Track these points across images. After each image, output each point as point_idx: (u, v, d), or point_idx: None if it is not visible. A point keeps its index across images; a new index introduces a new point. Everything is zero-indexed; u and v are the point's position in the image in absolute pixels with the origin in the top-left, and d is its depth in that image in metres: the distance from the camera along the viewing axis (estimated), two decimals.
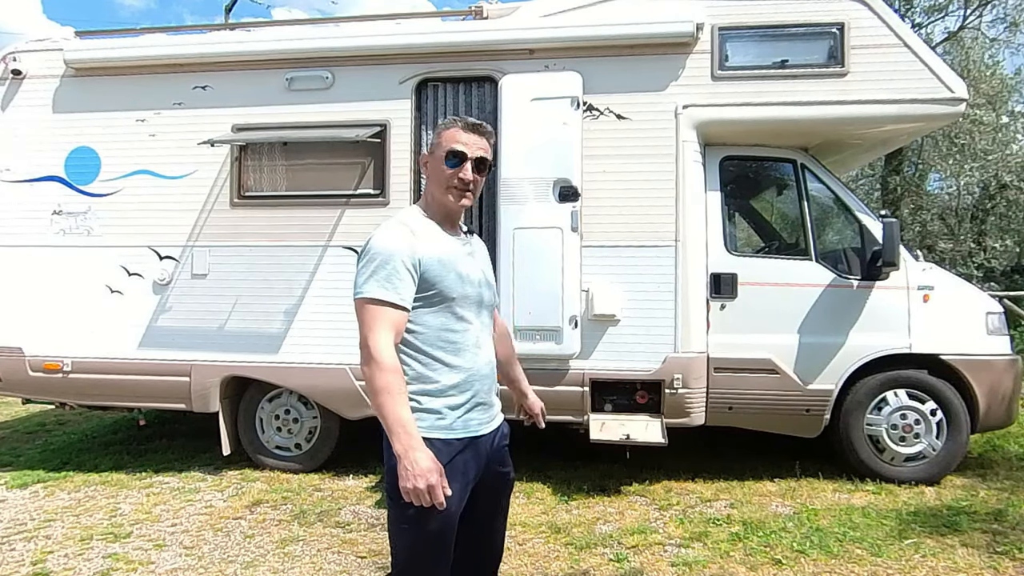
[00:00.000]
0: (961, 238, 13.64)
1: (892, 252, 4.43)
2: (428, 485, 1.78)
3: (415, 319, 1.95)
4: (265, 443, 5.17)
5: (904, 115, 4.57)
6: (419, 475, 1.77)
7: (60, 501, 4.60)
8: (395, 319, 1.90)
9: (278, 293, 4.92)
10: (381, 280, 1.89)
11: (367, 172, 4.95)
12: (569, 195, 4.57)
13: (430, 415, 1.94)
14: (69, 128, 5.17)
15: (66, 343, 5.08)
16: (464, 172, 2.00)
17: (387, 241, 1.93)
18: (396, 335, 1.90)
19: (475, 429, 2.01)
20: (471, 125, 2.03)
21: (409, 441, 1.81)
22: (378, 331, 1.87)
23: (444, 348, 1.97)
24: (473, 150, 2.01)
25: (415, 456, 1.79)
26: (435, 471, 1.80)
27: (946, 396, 4.60)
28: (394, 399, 1.83)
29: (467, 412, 2.00)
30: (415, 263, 1.92)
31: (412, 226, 1.98)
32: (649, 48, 4.66)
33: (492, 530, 2.20)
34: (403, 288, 1.90)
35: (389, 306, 1.89)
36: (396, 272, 1.89)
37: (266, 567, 3.59)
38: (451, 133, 2.02)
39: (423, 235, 1.97)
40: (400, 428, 1.82)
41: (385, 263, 1.89)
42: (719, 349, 4.66)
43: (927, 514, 4.07)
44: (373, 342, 1.86)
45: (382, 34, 4.93)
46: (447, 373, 1.97)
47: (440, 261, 1.96)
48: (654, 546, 3.74)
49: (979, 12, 13.18)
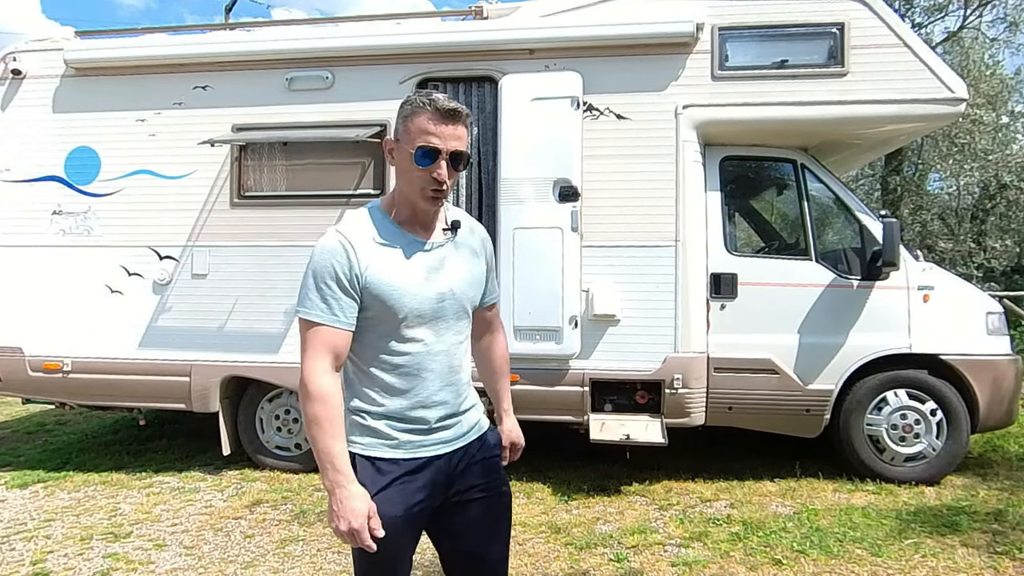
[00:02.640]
0: (961, 238, 13.63)
1: (892, 252, 4.43)
2: (351, 528, 1.62)
3: (357, 338, 1.74)
4: (265, 443, 5.17)
5: (904, 115, 4.57)
6: (343, 516, 1.63)
7: (60, 501, 4.60)
8: (330, 340, 1.69)
9: (278, 293, 4.92)
10: (314, 299, 1.69)
11: (367, 172, 4.95)
12: (569, 195, 4.57)
13: (372, 434, 1.76)
14: (69, 128, 5.17)
15: (66, 343, 5.08)
16: (439, 172, 1.68)
17: (321, 254, 1.70)
18: (335, 358, 1.70)
19: (431, 449, 1.79)
20: (445, 112, 1.67)
21: (336, 477, 1.64)
22: (310, 355, 1.69)
23: (389, 371, 1.75)
24: (448, 143, 1.68)
25: (341, 495, 1.63)
26: (360, 513, 1.63)
27: (946, 396, 4.60)
28: (323, 431, 1.65)
29: (417, 435, 1.78)
30: (353, 279, 1.68)
31: (354, 234, 1.71)
32: (649, 48, 4.66)
33: (488, 556, 1.91)
34: (339, 308, 1.68)
35: (322, 327, 1.69)
36: (329, 290, 1.68)
37: (266, 567, 3.59)
38: (419, 121, 1.68)
39: (368, 243, 1.71)
40: (328, 463, 1.65)
41: (319, 279, 1.69)
42: (719, 349, 4.66)
43: (927, 514, 4.07)
44: (304, 368, 1.68)
45: (382, 34, 4.93)
46: (390, 397, 1.75)
47: (385, 275, 1.70)
48: (654, 546, 3.74)
49: (979, 12, 13.18)
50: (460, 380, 1.84)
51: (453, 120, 1.69)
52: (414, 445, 1.77)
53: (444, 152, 1.68)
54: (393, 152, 1.75)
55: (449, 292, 1.78)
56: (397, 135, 1.74)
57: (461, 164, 1.73)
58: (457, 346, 1.83)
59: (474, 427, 1.90)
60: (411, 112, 1.70)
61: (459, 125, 1.70)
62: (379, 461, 1.75)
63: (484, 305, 1.97)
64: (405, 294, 1.71)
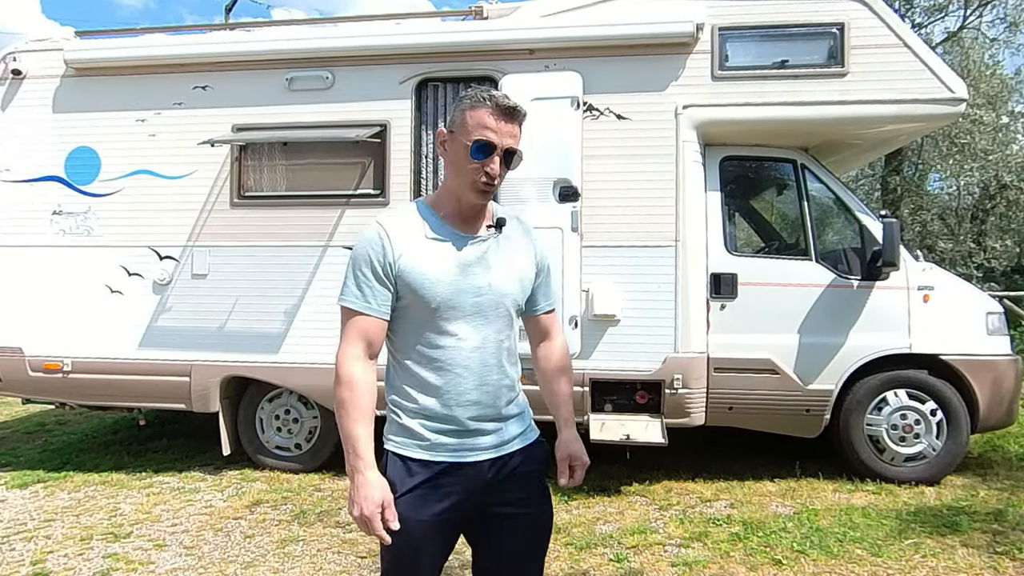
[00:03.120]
0: (961, 238, 13.64)
1: (892, 252, 4.43)
2: (362, 515, 1.63)
3: (395, 329, 1.77)
4: (265, 443, 5.17)
5: (904, 115, 4.57)
6: (357, 502, 1.63)
7: (60, 501, 4.60)
8: (365, 328, 1.72)
9: (278, 293, 4.92)
10: (351, 287, 1.73)
11: (367, 172, 4.95)
12: (569, 195, 4.57)
13: (407, 433, 1.75)
14: (69, 128, 5.17)
15: (66, 343, 5.07)
16: (492, 166, 1.70)
17: (359, 244, 1.75)
18: (369, 345, 1.73)
19: (460, 455, 1.75)
20: (504, 109, 1.69)
21: (356, 463, 1.65)
22: (345, 341, 1.73)
23: (424, 365, 1.74)
24: (504, 139, 1.70)
25: (359, 480, 1.64)
26: (374, 501, 1.63)
27: (946, 396, 4.60)
28: (348, 414, 1.68)
29: (453, 437, 1.75)
30: (387, 267, 1.71)
31: (392, 224, 1.74)
32: (649, 48, 4.66)
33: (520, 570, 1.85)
34: (372, 295, 1.71)
35: (357, 315, 1.72)
36: (364, 277, 1.71)
37: (266, 567, 3.59)
38: (479, 115, 1.69)
39: (406, 234, 1.73)
40: (350, 447, 1.66)
41: (356, 267, 1.73)
42: (719, 349, 4.66)
43: (927, 514, 4.07)
44: (338, 353, 1.72)
45: (382, 34, 4.93)
46: (425, 393, 1.74)
47: (419, 265, 1.71)
48: (654, 546, 3.73)
49: (979, 12, 13.19)
50: (499, 383, 1.78)
51: (511, 118, 1.71)
52: (448, 449, 1.74)
53: (500, 148, 1.70)
54: (446, 144, 1.76)
55: (487, 287, 1.75)
56: (452, 127, 1.74)
57: (513, 162, 1.74)
58: (496, 345, 1.78)
59: (517, 437, 1.83)
60: (470, 105, 1.71)
61: (516, 124, 1.72)
62: (410, 461, 1.73)
63: (539, 311, 1.94)
64: (437, 283, 1.71)
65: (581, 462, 1.92)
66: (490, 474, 1.77)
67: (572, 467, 1.91)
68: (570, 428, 1.94)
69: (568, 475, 1.91)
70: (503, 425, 1.80)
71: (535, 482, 1.85)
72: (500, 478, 1.78)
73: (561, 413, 1.95)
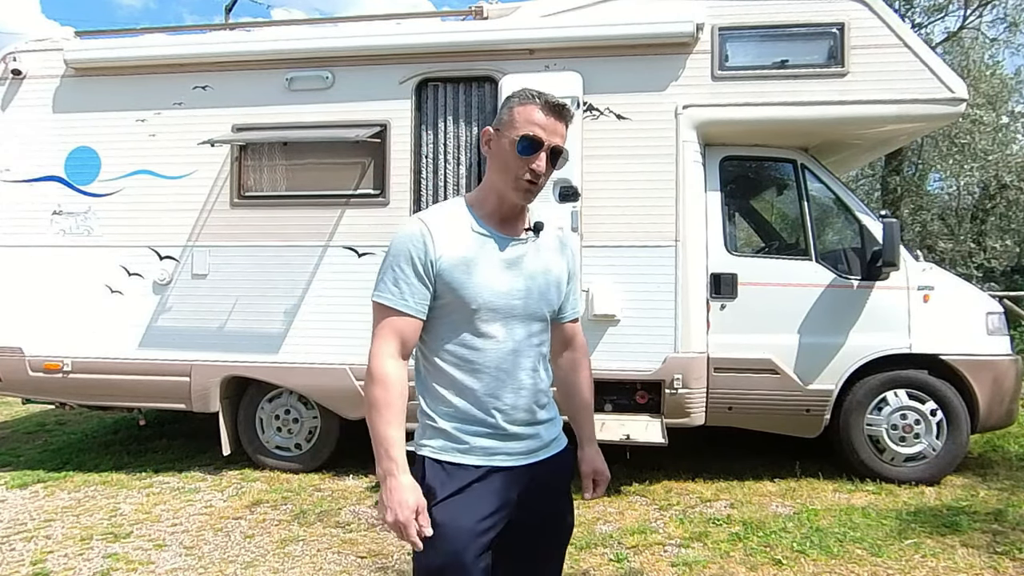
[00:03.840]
0: (961, 238, 13.64)
1: (892, 252, 4.43)
2: (396, 520, 1.57)
3: (429, 328, 1.72)
4: (265, 443, 5.17)
5: (904, 115, 4.57)
6: (391, 507, 1.58)
7: (60, 501, 4.60)
8: (400, 327, 1.67)
9: (278, 293, 4.92)
10: (388, 283, 1.67)
11: (367, 172, 4.95)
12: (569, 195, 4.57)
13: (443, 436, 1.70)
14: (69, 128, 5.17)
15: (66, 343, 5.07)
16: (538, 163, 1.66)
17: (399, 239, 1.69)
18: (403, 344, 1.68)
19: (500, 460, 1.71)
20: (553, 106, 1.66)
21: (389, 466, 1.60)
22: (379, 339, 1.67)
23: (459, 366, 1.70)
24: (552, 137, 1.67)
25: (392, 484, 1.59)
26: (408, 506, 1.57)
27: (946, 396, 4.60)
28: (380, 415, 1.62)
29: (489, 440, 1.70)
30: (427, 265, 1.66)
31: (434, 221, 1.70)
32: (649, 48, 4.66)
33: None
34: (410, 293, 1.66)
35: (394, 313, 1.67)
36: (404, 275, 1.66)
37: (266, 567, 3.59)
38: (527, 112, 1.66)
39: (447, 232, 1.68)
40: (382, 449, 1.61)
41: (394, 264, 1.67)
42: (719, 349, 4.66)
43: (927, 514, 4.07)
44: (372, 350, 1.67)
45: (382, 34, 4.93)
46: (460, 396, 1.70)
47: (461, 264, 1.66)
48: (654, 546, 3.73)
49: (979, 12, 13.19)
50: (534, 386, 1.76)
51: (560, 116, 1.68)
52: (486, 452, 1.70)
53: (547, 145, 1.67)
54: (491, 142, 1.73)
55: (525, 290, 1.73)
56: (498, 125, 1.71)
57: (559, 162, 1.72)
58: (532, 348, 1.76)
59: (551, 443, 1.80)
60: (519, 102, 1.68)
61: (564, 123, 1.69)
62: (449, 465, 1.68)
63: (565, 319, 1.90)
64: (478, 284, 1.67)
65: (604, 477, 1.94)
66: (526, 480, 1.73)
67: (596, 482, 1.94)
68: (593, 444, 1.95)
69: (592, 489, 1.93)
70: (538, 430, 1.77)
71: (564, 492, 1.84)
72: (535, 486, 1.75)
73: (585, 429, 1.96)
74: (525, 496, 1.73)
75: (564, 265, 1.86)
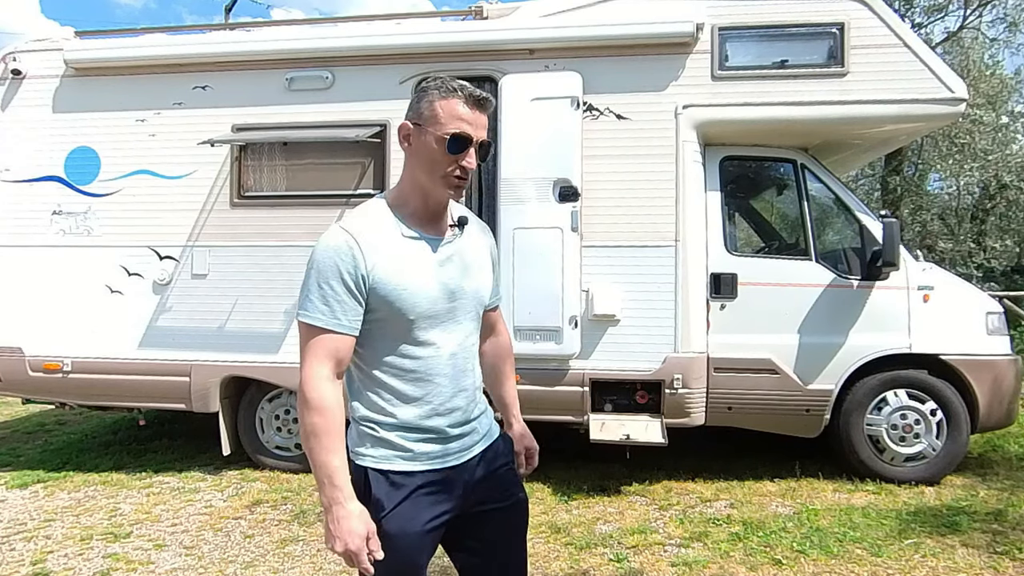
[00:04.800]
0: (961, 238, 13.65)
1: (892, 252, 4.43)
2: (347, 550, 1.52)
3: (364, 343, 1.65)
4: (265, 443, 5.17)
5: (904, 115, 4.57)
6: (339, 537, 1.52)
7: (60, 501, 4.60)
8: (333, 347, 1.59)
9: (278, 293, 4.92)
10: (316, 301, 1.59)
11: (367, 172, 4.95)
12: (569, 195, 4.57)
13: (385, 446, 1.66)
14: (69, 128, 5.17)
15: (66, 343, 5.07)
16: (468, 160, 1.62)
17: (324, 253, 1.59)
18: (336, 364, 1.61)
19: (443, 461, 1.70)
20: (476, 99, 1.62)
21: (334, 494, 1.53)
22: (309, 362, 1.59)
23: (400, 377, 1.65)
24: (478, 131, 1.63)
25: (339, 513, 1.53)
26: (359, 534, 1.53)
27: (946, 396, 4.59)
28: (320, 443, 1.54)
29: (433, 444, 1.69)
30: (359, 280, 1.58)
31: (360, 231, 1.61)
32: (649, 48, 4.66)
33: (509, 566, 1.86)
34: (342, 311, 1.58)
35: (324, 332, 1.59)
36: (333, 292, 1.57)
37: (266, 567, 3.59)
38: (451, 107, 1.61)
39: (376, 241, 1.61)
40: (325, 478, 1.54)
41: (320, 281, 1.58)
42: (719, 349, 4.66)
43: (927, 514, 4.07)
44: (303, 375, 1.58)
45: (382, 34, 4.93)
46: (402, 405, 1.66)
47: (395, 275, 1.60)
48: (654, 546, 3.74)
49: (979, 12, 13.19)
50: (473, 384, 1.77)
51: (484, 108, 1.65)
52: (430, 457, 1.68)
53: (475, 140, 1.63)
54: (411, 138, 1.65)
55: (460, 291, 1.70)
56: (418, 119, 1.64)
57: (487, 154, 1.68)
58: (468, 349, 1.75)
59: (486, 434, 1.81)
60: (440, 96, 1.62)
61: (486, 113, 1.66)
62: (393, 474, 1.65)
63: (489, 307, 1.89)
64: (416, 294, 1.62)
65: (535, 449, 2.00)
66: (468, 474, 1.74)
67: (528, 456, 1.99)
68: (520, 422, 2.01)
69: (525, 464, 1.98)
70: (475, 425, 1.78)
71: (509, 474, 1.86)
72: (479, 476, 1.76)
73: (512, 411, 2.01)
74: (471, 488, 1.74)
75: (488, 252, 1.84)
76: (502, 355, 2.01)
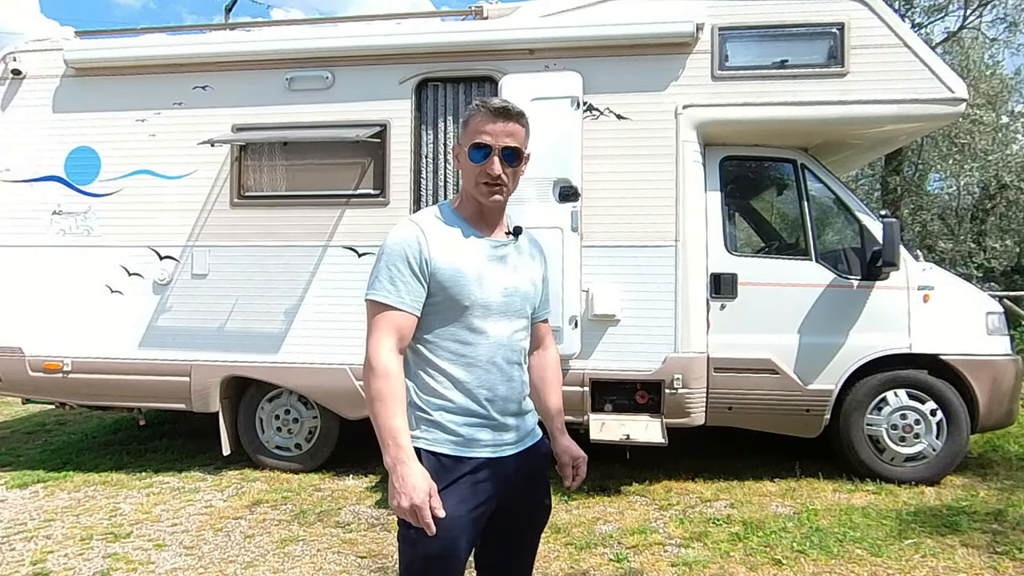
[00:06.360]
0: (961, 238, 13.64)
1: (892, 252, 4.43)
2: (412, 504, 1.62)
3: (422, 326, 1.79)
4: (265, 443, 5.17)
5: (904, 115, 4.57)
6: (404, 492, 1.63)
7: (60, 501, 4.60)
8: (396, 323, 1.75)
9: (278, 293, 4.92)
10: (384, 281, 1.75)
11: (367, 172, 4.95)
12: (569, 195, 4.57)
13: (437, 428, 1.78)
14: (69, 128, 5.17)
15: (66, 343, 5.07)
16: (491, 167, 1.77)
17: (394, 239, 1.78)
18: (399, 339, 1.75)
19: (492, 451, 1.81)
20: (496, 110, 1.78)
21: (398, 453, 1.66)
22: (376, 335, 1.74)
23: (453, 361, 1.79)
24: (500, 139, 1.77)
25: (403, 471, 1.64)
26: (423, 489, 1.63)
27: (946, 396, 4.59)
28: (386, 406, 1.68)
29: (481, 431, 1.80)
30: (422, 264, 1.75)
31: (427, 223, 1.81)
32: (649, 48, 4.66)
33: (520, 566, 1.97)
34: (406, 291, 1.75)
35: (390, 309, 1.74)
36: (399, 273, 1.74)
37: (266, 567, 3.59)
38: (474, 122, 1.79)
39: (439, 234, 1.79)
40: (390, 439, 1.67)
41: (389, 263, 1.76)
42: (719, 349, 4.66)
43: (927, 514, 4.07)
44: (369, 346, 1.73)
45: (382, 34, 4.93)
46: (453, 390, 1.79)
47: (454, 264, 1.77)
48: (654, 546, 3.73)
49: (979, 12, 13.19)
50: (520, 378, 1.89)
51: (504, 118, 1.78)
52: (480, 444, 1.79)
53: (496, 148, 1.77)
54: (458, 156, 1.86)
55: (513, 288, 1.85)
56: (459, 139, 1.86)
57: (517, 160, 1.80)
58: (518, 343, 1.88)
59: (531, 432, 1.92)
60: (469, 116, 1.82)
61: (510, 122, 1.78)
62: (444, 457, 1.76)
63: (538, 319, 2.02)
64: (472, 282, 1.77)
65: (583, 460, 2.03)
66: (513, 468, 1.83)
67: (576, 467, 2.02)
68: (566, 434, 2.06)
69: (572, 478, 2.02)
70: (524, 419, 1.89)
71: (543, 478, 1.95)
72: (521, 474, 1.85)
73: (556, 422, 2.06)
74: (512, 483, 1.84)
75: (539, 268, 2.00)
76: (550, 367, 2.11)
